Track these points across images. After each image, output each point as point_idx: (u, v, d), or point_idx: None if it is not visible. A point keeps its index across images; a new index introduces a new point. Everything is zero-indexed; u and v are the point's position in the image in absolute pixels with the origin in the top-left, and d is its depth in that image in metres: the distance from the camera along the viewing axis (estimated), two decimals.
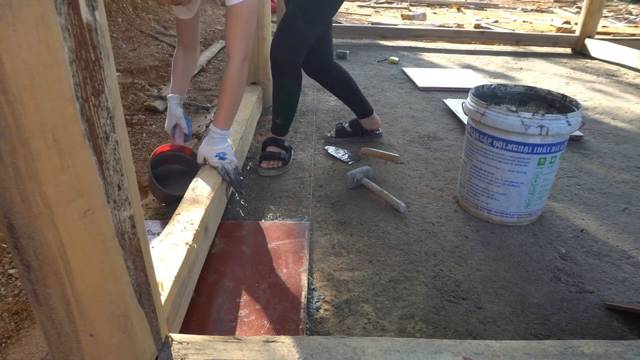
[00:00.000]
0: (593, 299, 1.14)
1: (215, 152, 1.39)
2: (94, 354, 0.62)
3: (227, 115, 1.40)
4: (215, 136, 1.40)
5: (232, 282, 1.13)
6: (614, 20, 6.75)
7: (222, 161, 1.39)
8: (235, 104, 1.43)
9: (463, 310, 1.08)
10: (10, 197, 0.49)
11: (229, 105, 1.40)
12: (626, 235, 1.42)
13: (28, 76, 0.44)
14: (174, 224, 1.08)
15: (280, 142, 1.77)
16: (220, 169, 1.39)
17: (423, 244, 1.34)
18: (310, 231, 1.37)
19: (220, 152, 1.39)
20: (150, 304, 0.68)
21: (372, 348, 0.75)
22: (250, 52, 1.40)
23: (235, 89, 1.39)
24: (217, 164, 1.39)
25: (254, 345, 0.74)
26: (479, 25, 5.74)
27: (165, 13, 4.67)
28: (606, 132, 2.28)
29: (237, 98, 1.42)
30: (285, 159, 1.74)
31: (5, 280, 1.15)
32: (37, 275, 0.54)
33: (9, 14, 0.41)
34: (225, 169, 1.39)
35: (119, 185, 0.56)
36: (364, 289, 1.14)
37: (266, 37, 2.25)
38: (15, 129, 0.46)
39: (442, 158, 1.91)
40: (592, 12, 4.01)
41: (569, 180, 1.76)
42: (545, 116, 1.25)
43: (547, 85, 3.06)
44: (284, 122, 1.76)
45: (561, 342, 0.77)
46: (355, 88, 1.93)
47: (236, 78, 1.38)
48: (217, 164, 1.39)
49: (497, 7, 8.63)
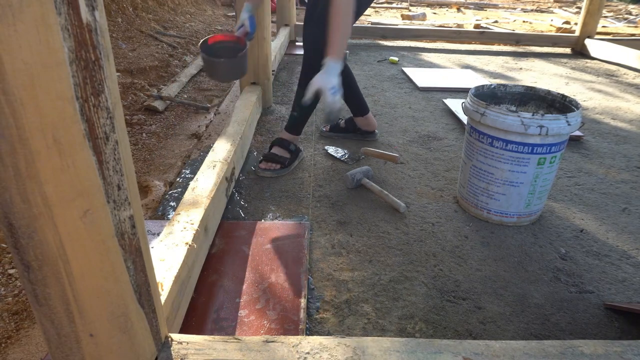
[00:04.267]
0: (593, 299, 1.14)
1: (331, 84, 1.32)
2: (93, 354, 0.62)
3: (340, 44, 1.35)
4: (331, 68, 1.33)
5: (232, 282, 1.13)
6: (613, 20, 6.75)
7: (335, 97, 1.32)
8: (347, 33, 1.38)
9: (463, 311, 1.08)
10: (10, 197, 0.49)
11: (342, 32, 1.34)
12: (626, 235, 1.42)
13: (28, 76, 0.44)
14: (173, 224, 1.08)
15: (285, 144, 1.75)
16: (331, 104, 1.33)
17: (423, 244, 1.34)
18: (310, 231, 1.37)
19: (334, 87, 1.33)
20: (150, 304, 0.68)
21: (372, 348, 0.75)
22: None
23: (346, 15, 1.35)
24: (331, 99, 1.32)
25: (254, 345, 0.74)
26: (479, 26, 5.74)
27: (165, 13, 4.68)
28: (606, 132, 2.28)
29: (348, 25, 1.37)
30: (284, 162, 1.72)
31: (5, 280, 1.15)
32: (37, 275, 0.54)
33: (9, 14, 0.41)
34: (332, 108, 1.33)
35: (118, 185, 0.56)
36: (364, 289, 1.14)
37: (266, 37, 2.25)
38: (15, 129, 0.45)
39: (442, 158, 1.91)
40: (592, 12, 4.01)
41: (569, 180, 1.76)
42: (545, 116, 1.25)
43: (547, 85, 3.06)
44: (300, 116, 1.74)
45: (561, 342, 0.77)
46: (354, 87, 1.93)
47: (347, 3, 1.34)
48: (331, 98, 1.32)
49: (497, 7, 8.63)
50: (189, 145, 2.04)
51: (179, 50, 3.68)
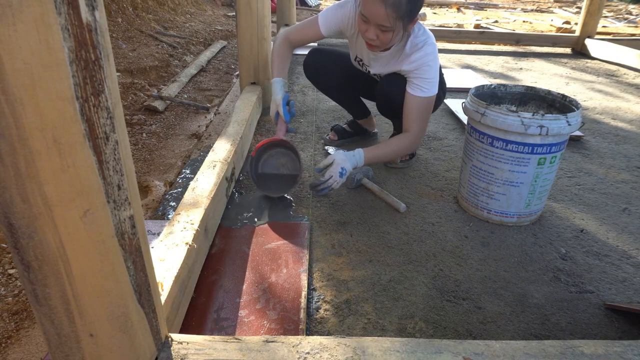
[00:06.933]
0: (593, 299, 1.14)
1: (346, 167, 1.44)
2: (94, 354, 0.62)
3: (376, 158, 1.53)
4: (356, 158, 1.47)
5: (232, 282, 1.13)
6: (614, 20, 6.75)
7: (338, 178, 1.43)
8: (387, 158, 1.64)
9: (463, 310, 1.08)
10: (10, 197, 0.49)
11: (384, 155, 1.55)
12: (626, 235, 1.42)
13: (28, 76, 0.44)
14: (174, 224, 1.08)
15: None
16: (331, 180, 1.42)
17: (423, 244, 1.34)
18: (310, 231, 1.37)
19: (345, 171, 1.44)
20: (150, 304, 0.68)
21: (372, 348, 0.75)
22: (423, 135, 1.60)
23: (397, 154, 1.60)
24: (335, 177, 1.42)
25: (254, 345, 0.74)
26: (479, 25, 5.74)
27: (166, 13, 4.68)
28: (606, 132, 2.28)
29: (391, 157, 1.61)
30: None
31: (5, 280, 1.15)
32: (37, 275, 0.54)
33: (9, 14, 0.41)
34: (331, 183, 1.43)
35: (118, 185, 0.56)
36: (364, 289, 1.14)
37: (266, 37, 2.25)
38: (15, 129, 0.45)
39: (442, 158, 1.91)
40: (592, 12, 4.01)
41: (569, 180, 1.76)
42: (545, 116, 1.25)
43: (547, 85, 3.06)
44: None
45: (561, 342, 0.77)
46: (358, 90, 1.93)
47: (405, 148, 1.55)
48: (335, 176, 1.42)
49: (497, 7, 8.63)
50: (189, 145, 2.04)
51: (179, 50, 3.68)
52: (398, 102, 1.55)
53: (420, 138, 1.55)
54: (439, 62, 1.52)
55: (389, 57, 1.55)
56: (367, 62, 1.66)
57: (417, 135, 1.53)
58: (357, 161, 1.47)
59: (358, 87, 1.86)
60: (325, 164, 1.47)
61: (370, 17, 1.33)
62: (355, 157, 1.47)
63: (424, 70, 1.47)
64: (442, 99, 1.76)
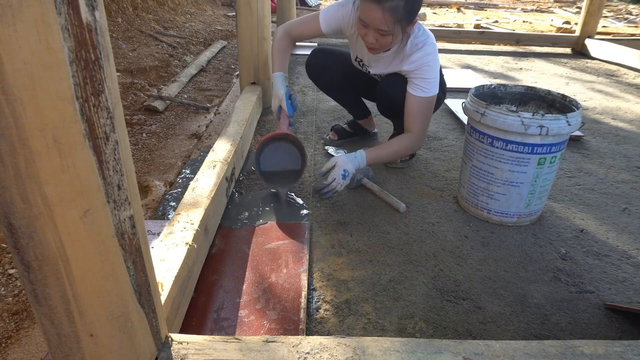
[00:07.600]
0: (593, 299, 1.14)
1: (348, 169, 1.45)
2: (94, 354, 0.62)
3: (378, 159, 1.54)
4: (358, 160, 1.48)
5: (232, 282, 1.13)
6: (614, 20, 6.75)
7: (341, 180, 1.44)
8: (389, 159, 1.65)
9: (463, 310, 1.08)
10: (10, 197, 0.49)
11: (386, 155, 1.56)
12: (626, 235, 1.42)
13: (28, 76, 0.44)
14: (174, 224, 1.08)
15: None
16: (334, 183, 1.44)
17: (423, 244, 1.34)
18: (310, 231, 1.37)
19: (348, 173, 1.45)
20: (150, 304, 0.68)
21: (372, 348, 0.75)
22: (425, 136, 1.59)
23: (399, 154, 1.60)
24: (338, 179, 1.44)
25: (254, 345, 0.74)
26: (479, 25, 5.75)
27: (166, 13, 4.68)
28: (606, 132, 2.28)
29: (393, 157, 1.61)
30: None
31: (5, 280, 1.15)
32: (37, 275, 0.54)
33: (9, 14, 0.41)
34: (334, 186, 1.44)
35: (118, 185, 0.56)
36: (364, 289, 1.14)
37: (266, 37, 2.25)
38: (15, 129, 0.45)
39: (442, 158, 1.91)
40: (592, 12, 4.01)
41: (569, 180, 1.76)
42: (545, 116, 1.25)
43: (547, 85, 3.06)
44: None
45: (561, 342, 0.77)
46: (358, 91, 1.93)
47: (407, 148, 1.56)
48: (339, 179, 1.44)
49: (497, 7, 8.63)
50: (189, 145, 2.04)
51: (179, 50, 3.68)
52: (398, 103, 1.55)
53: (422, 138, 1.55)
54: (439, 61, 1.51)
55: (389, 58, 1.55)
56: (368, 63, 1.66)
57: (419, 136, 1.53)
58: (359, 162, 1.48)
59: (358, 87, 1.86)
60: (327, 167, 1.47)
61: (369, 21, 1.33)
62: (357, 159, 1.47)
63: (424, 70, 1.47)
64: (442, 100, 1.76)
